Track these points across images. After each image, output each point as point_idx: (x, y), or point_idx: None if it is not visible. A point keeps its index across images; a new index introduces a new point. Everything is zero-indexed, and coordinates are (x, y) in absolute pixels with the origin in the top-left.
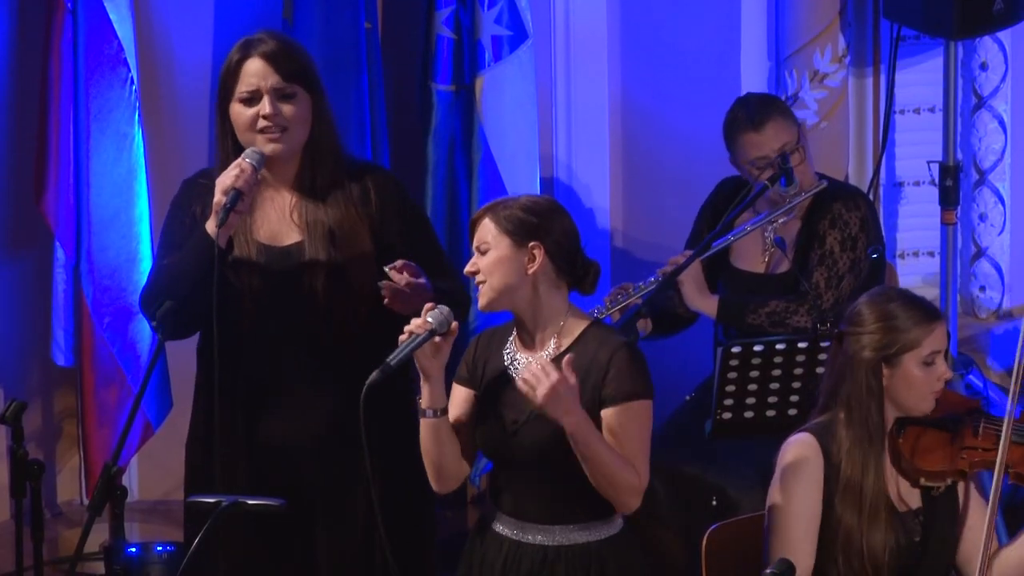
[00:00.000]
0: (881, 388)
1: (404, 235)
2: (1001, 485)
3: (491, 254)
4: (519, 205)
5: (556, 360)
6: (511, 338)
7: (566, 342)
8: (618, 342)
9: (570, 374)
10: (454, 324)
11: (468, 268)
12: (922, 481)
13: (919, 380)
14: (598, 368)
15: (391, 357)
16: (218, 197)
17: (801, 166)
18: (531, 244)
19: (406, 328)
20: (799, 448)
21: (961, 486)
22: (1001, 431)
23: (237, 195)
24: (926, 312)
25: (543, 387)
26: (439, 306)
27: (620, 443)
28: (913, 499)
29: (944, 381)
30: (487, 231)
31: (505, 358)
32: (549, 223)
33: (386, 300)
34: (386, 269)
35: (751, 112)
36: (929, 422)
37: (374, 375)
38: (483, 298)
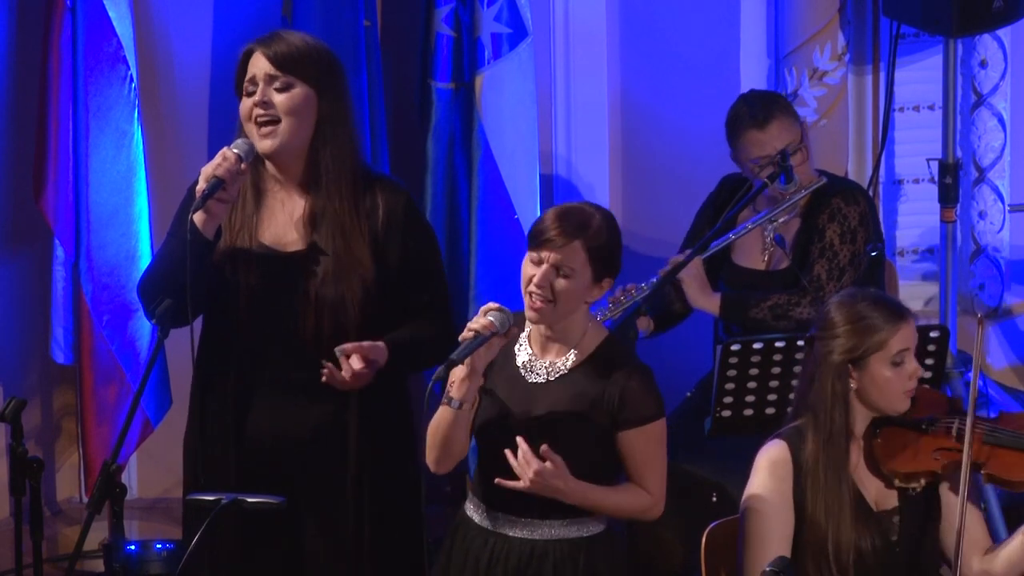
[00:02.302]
0: (847, 391)
1: (403, 261)
2: (968, 484)
3: (573, 281)
4: (603, 228)
5: (574, 371)
6: (525, 335)
7: (583, 355)
8: (633, 364)
9: (551, 462)
10: (514, 329)
11: (538, 282)
12: (897, 482)
13: (889, 380)
14: (613, 389)
15: (455, 353)
16: (200, 185)
17: (803, 165)
18: (606, 280)
19: (469, 326)
20: (770, 458)
21: (944, 486)
22: (982, 432)
23: (217, 183)
24: (892, 311)
25: (526, 478)
26: (502, 307)
27: (638, 463)
28: (890, 499)
29: (915, 379)
30: (576, 256)
31: (518, 356)
32: (619, 252)
33: (324, 379)
34: (336, 351)
35: (755, 110)
36: (906, 423)
37: (440, 370)
38: (539, 315)
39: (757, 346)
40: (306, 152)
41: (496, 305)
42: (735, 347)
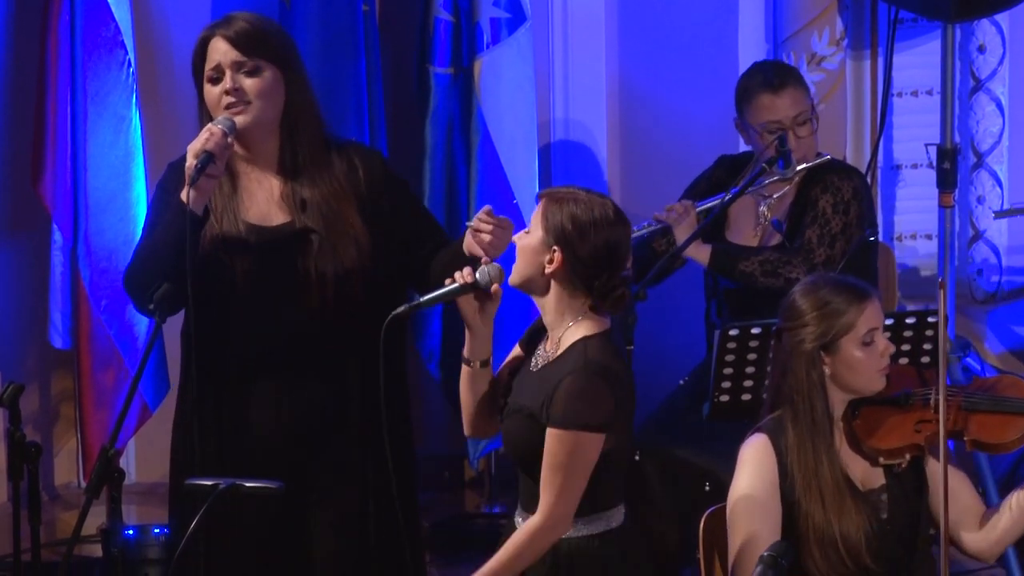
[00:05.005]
0: (822, 377)
1: (396, 209)
2: (948, 450)
3: (528, 238)
4: (572, 202)
5: (549, 365)
6: None
7: (560, 349)
8: (582, 362)
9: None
10: (495, 287)
11: (515, 237)
12: (881, 460)
13: (861, 361)
14: (554, 386)
15: (423, 295)
16: (189, 161)
17: (809, 139)
18: (554, 248)
19: (455, 274)
20: (752, 452)
21: (929, 459)
22: (959, 399)
23: (208, 157)
24: (855, 292)
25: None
26: (492, 263)
27: (545, 466)
28: (877, 478)
29: (887, 357)
30: (537, 214)
31: (538, 344)
32: (583, 236)
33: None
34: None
35: (770, 75)
36: (883, 400)
37: (402, 308)
38: (511, 275)
39: (755, 331)
40: (278, 130)
41: (489, 259)
42: (733, 332)
